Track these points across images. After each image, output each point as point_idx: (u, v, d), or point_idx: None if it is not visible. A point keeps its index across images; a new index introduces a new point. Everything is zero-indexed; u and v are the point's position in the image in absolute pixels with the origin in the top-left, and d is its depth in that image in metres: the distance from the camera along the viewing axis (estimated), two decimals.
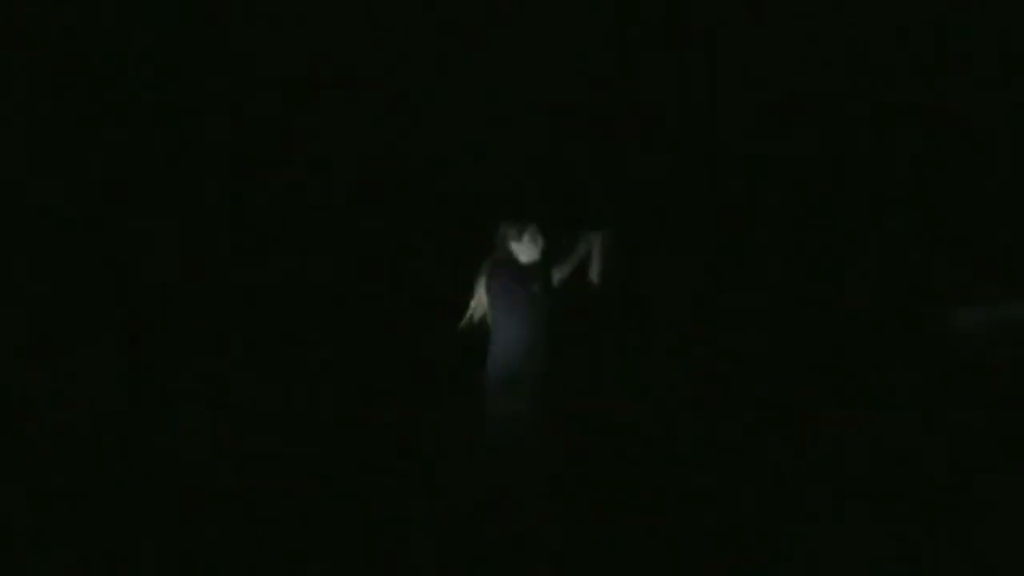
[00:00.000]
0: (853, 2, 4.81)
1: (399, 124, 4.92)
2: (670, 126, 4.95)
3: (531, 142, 4.90)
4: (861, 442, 4.15)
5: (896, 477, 3.78)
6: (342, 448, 4.27)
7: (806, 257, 4.91)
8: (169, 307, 4.70)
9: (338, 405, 4.61)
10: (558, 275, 3.23)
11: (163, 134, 4.74)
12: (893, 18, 4.77)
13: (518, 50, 4.84)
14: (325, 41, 4.84)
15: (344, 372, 4.74)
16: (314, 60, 4.87)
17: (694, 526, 3.37)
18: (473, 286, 3.22)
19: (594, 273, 3.28)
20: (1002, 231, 4.76)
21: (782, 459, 4.03)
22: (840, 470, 3.89)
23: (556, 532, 3.05)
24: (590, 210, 3.33)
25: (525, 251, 3.18)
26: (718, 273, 4.92)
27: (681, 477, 3.90)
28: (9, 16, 4.46)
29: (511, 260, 3.17)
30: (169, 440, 4.28)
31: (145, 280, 4.69)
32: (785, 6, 4.81)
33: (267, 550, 3.19)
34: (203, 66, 4.78)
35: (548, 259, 3.23)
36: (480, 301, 3.19)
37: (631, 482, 3.82)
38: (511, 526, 3.03)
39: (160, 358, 4.63)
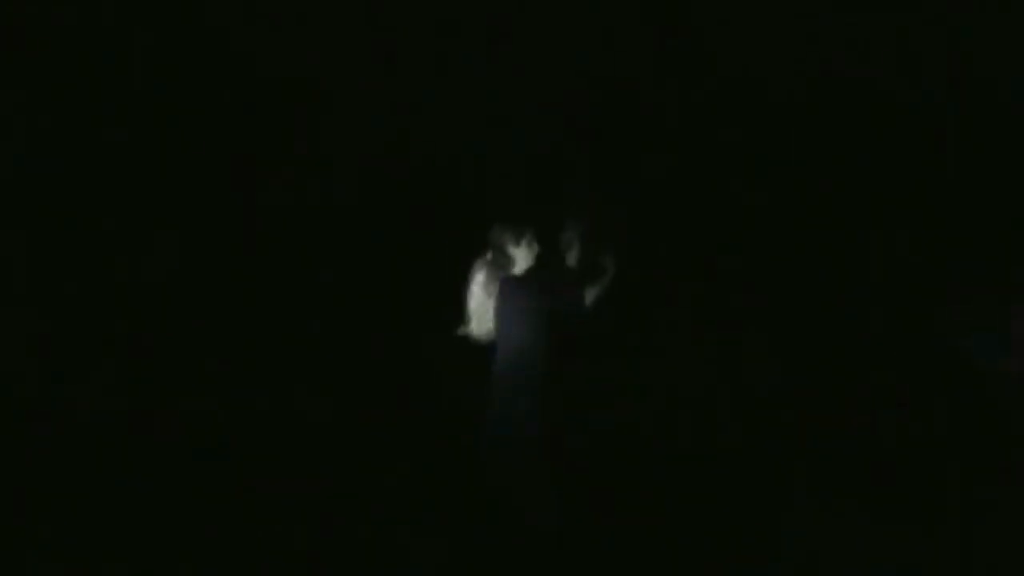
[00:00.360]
0: (854, 2, 4.81)
1: (399, 124, 4.93)
2: (670, 126, 4.95)
3: (531, 142, 4.90)
4: (861, 442, 4.15)
5: (895, 477, 3.78)
6: (342, 448, 4.27)
7: (806, 257, 4.91)
8: (169, 307, 4.70)
9: (338, 405, 4.61)
10: (590, 297, 3.22)
11: (163, 134, 4.74)
12: (893, 17, 4.77)
13: (519, 50, 4.84)
14: (325, 41, 4.84)
15: (344, 372, 4.74)
16: (314, 60, 4.87)
17: (694, 526, 3.37)
18: (470, 288, 3.22)
19: (571, 258, 3.27)
20: (1002, 231, 4.75)
21: (782, 459, 4.03)
22: (840, 470, 3.89)
23: (556, 532, 3.05)
24: (575, 205, 3.32)
25: (521, 255, 3.19)
26: (718, 273, 4.92)
27: (681, 477, 3.90)
28: (9, 16, 4.46)
29: (508, 263, 3.18)
30: (168, 440, 4.28)
31: (145, 280, 4.69)
32: (785, 6, 4.80)
33: (267, 550, 3.19)
34: (203, 66, 4.78)
35: (543, 261, 3.23)
36: (478, 304, 3.19)
37: (631, 482, 3.82)
38: (511, 526, 3.03)
39: (160, 358, 4.63)
